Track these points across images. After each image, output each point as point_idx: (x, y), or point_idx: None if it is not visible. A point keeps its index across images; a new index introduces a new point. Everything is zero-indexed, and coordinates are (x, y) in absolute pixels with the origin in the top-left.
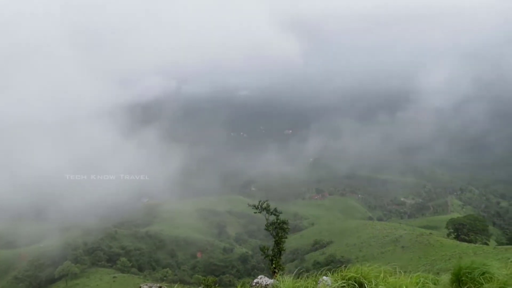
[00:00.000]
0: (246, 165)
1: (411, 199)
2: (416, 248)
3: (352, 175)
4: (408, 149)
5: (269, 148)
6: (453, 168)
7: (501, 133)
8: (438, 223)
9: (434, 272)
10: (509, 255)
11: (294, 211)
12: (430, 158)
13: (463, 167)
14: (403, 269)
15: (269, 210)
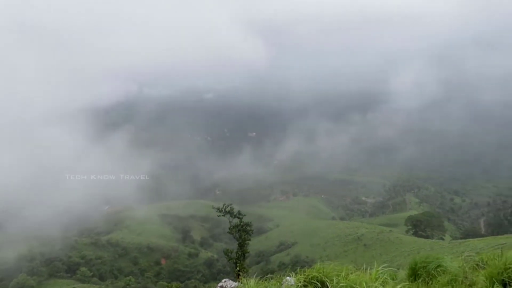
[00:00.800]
0: (211, 168)
1: (372, 198)
2: (377, 246)
3: (317, 176)
4: (371, 150)
5: (233, 151)
6: (411, 167)
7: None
8: (397, 221)
9: (394, 267)
10: (463, 248)
11: (259, 213)
12: (391, 158)
13: (420, 166)
14: (365, 266)
15: (232, 213)
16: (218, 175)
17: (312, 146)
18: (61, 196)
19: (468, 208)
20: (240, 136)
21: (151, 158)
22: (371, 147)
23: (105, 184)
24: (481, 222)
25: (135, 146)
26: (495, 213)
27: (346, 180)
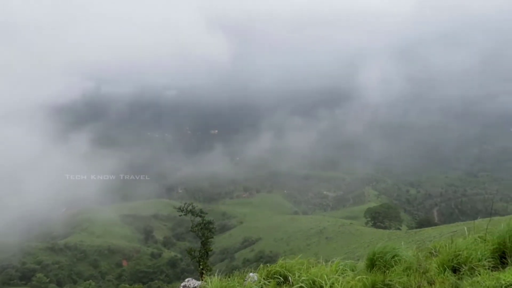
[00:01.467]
0: (173, 167)
1: (333, 192)
2: (339, 238)
3: (279, 172)
4: (335, 145)
5: (196, 149)
6: (370, 161)
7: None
8: (357, 213)
9: (355, 259)
10: (418, 237)
11: (223, 211)
12: (353, 153)
13: (377, 160)
14: (327, 259)
15: (194, 212)
16: (180, 173)
17: (275, 142)
18: (17, 199)
19: (423, 198)
20: (203, 133)
21: (112, 158)
22: (335, 142)
23: (65, 185)
24: (434, 211)
25: (95, 145)
26: (447, 202)
27: (308, 175)
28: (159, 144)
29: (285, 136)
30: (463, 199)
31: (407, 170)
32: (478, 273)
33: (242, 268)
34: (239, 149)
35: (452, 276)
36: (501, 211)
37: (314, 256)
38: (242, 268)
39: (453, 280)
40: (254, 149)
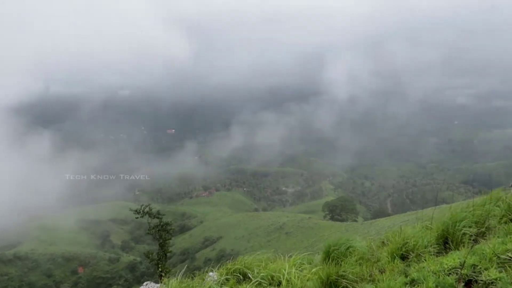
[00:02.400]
0: (129, 168)
1: (292, 188)
2: (298, 233)
3: (238, 169)
4: (295, 142)
5: (152, 149)
6: (325, 156)
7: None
8: (315, 207)
9: (314, 252)
10: (373, 228)
11: (182, 211)
12: (311, 149)
13: (335, 155)
14: (287, 254)
15: (151, 213)
16: (137, 174)
17: (235, 140)
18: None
19: (377, 190)
20: (160, 133)
21: (66, 161)
22: (298, 139)
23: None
24: (388, 202)
25: (47, 148)
26: (399, 193)
27: (268, 172)
28: (114, 145)
29: (245, 134)
30: (414, 189)
31: (362, 163)
32: (424, 259)
33: (203, 268)
34: (198, 148)
35: (401, 264)
36: (448, 199)
37: (274, 252)
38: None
39: (402, 267)
40: (213, 148)
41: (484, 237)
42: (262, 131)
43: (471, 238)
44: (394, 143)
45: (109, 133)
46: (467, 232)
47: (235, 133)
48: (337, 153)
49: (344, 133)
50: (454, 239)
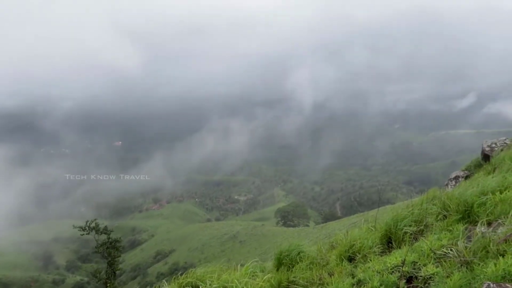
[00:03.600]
0: (74, 183)
1: (244, 196)
2: (252, 241)
3: (190, 179)
4: (249, 150)
5: (98, 163)
6: (275, 163)
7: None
8: (268, 214)
9: (268, 259)
10: (324, 231)
11: (132, 226)
12: (256, 157)
13: (283, 162)
14: (241, 263)
15: (98, 229)
16: (83, 189)
17: (183, 151)
18: None
19: (326, 194)
20: (105, 146)
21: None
22: (250, 147)
23: None
24: (337, 205)
25: None
26: (347, 196)
27: (220, 181)
28: (57, 161)
29: (195, 144)
30: (361, 191)
31: (309, 169)
32: (369, 259)
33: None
34: (145, 160)
35: (348, 265)
36: (392, 199)
37: (228, 262)
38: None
39: (349, 269)
40: (163, 159)
41: (423, 234)
42: (212, 141)
43: (411, 236)
44: (340, 147)
45: (50, 147)
46: (408, 231)
47: (184, 143)
48: (290, 159)
49: (295, 139)
50: (396, 238)
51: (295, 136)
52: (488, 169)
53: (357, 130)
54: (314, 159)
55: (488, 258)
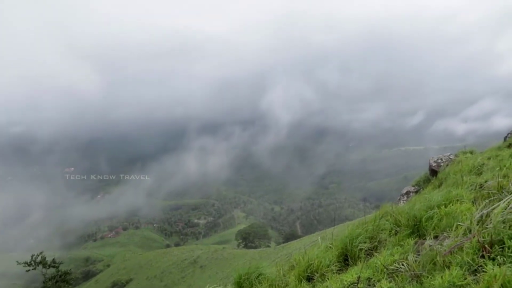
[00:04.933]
0: (20, 213)
1: (204, 219)
2: (213, 265)
3: (147, 204)
4: (206, 174)
5: (48, 190)
6: (234, 184)
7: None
8: (229, 237)
9: (230, 284)
10: (285, 251)
11: (86, 256)
12: (214, 179)
13: (243, 183)
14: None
15: (46, 263)
16: (31, 219)
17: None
18: None
19: (286, 214)
20: (55, 171)
21: None
22: (212, 169)
23: None
24: (297, 224)
25: None
26: (307, 215)
27: (178, 205)
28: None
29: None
30: (320, 209)
31: (268, 189)
32: (327, 278)
33: None
34: (99, 186)
35: (307, 285)
36: (350, 216)
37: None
38: None
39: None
40: (116, 185)
41: (377, 250)
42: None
43: (366, 252)
44: (298, 166)
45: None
46: (363, 248)
47: (144, 167)
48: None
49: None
50: (353, 255)
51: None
52: (435, 184)
53: (314, 149)
54: (273, 180)
55: (436, 271)
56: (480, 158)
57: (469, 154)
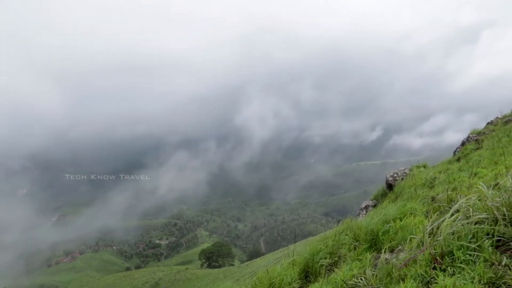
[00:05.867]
0: None
1: (165, 240)
2: (176, 287)
3: (105, 227)
4: (169, 192)
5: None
6: (197, 202)
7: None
8: (192, 257)
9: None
10: (249, 269)
11: (39, 283)
12: (176, 197)
13: (206, 200)
14: None
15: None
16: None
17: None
18: None
19: (250, 231)
20: (7, 193)
21: None
22: (172, 190)
23: None
24: (261, 242)
25: None
26: (270, 232)
27: (138, 226)
28: None
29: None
30: (283, 226)
31: (231, 207)
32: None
33: None
34: (57, 207)
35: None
36: (313, 231)
37: None
38: None
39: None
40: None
41: (337, 265)
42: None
43: (327, 268)
44: (260, 183)
45: None
46: (324, 263)
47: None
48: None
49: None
50: (314, 271)
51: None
52: (391, 198)
53: (275, 166)
54: (237, 196)
55: (392, 284)
56: (432, 172)
57: (422, 168)
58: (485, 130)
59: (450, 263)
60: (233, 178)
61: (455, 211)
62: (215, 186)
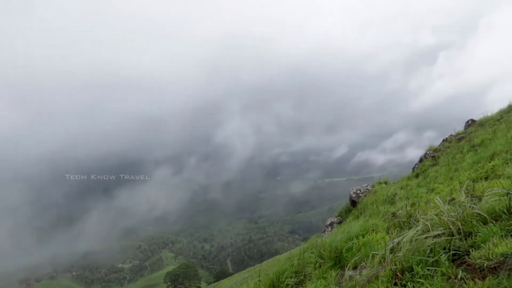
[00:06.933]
0: None
1: (129, 263)
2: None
3: (64, 251)
4: (133, 215)
5: None
6: (164, 223)
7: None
8: (157, 280)
9: None
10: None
11: None
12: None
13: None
14: None
15: None
16: None
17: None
18: None
19: (217, 252)
20: None
21: None
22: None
23: None
24: (228, 262)
25: None
26: (237, 251)
27: (99, 249)
28: None
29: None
30: (250, 245)
31: (197, 226)
32: None
33: None
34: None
35: None
36: (280, 249)
37: None
38: None
39: None
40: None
41: (303, 284)
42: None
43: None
44: (227, 202)
45: None
46: (290, 283)
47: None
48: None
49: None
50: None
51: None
52: (355, 214)
53: (242, 183)
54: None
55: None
56: (393, 188)
57: (384, 184)
58: (441, 147)
59: (410, 278)
60: (200, 198)
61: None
62: (180, 206)
